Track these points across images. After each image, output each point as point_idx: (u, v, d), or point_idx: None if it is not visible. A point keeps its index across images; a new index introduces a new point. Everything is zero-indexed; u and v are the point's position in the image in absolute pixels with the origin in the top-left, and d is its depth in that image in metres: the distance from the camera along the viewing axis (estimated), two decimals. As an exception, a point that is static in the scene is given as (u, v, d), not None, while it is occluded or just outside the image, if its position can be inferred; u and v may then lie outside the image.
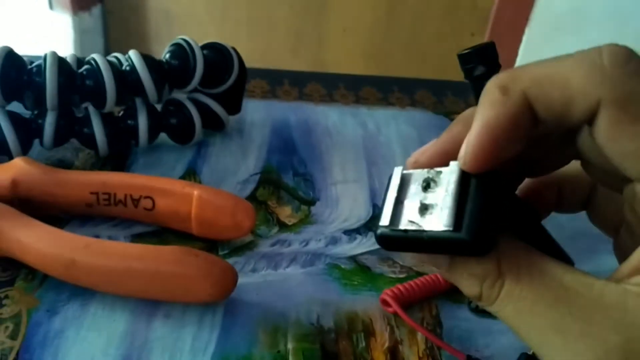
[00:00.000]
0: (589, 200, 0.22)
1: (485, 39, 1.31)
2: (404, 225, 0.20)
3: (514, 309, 0.17)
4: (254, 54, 0.46)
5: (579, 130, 0.18)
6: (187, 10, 1.38)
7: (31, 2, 1.32)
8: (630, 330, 0.15)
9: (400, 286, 0.33)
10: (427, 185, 0.20)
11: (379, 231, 0.21)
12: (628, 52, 0.16)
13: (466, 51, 0.35)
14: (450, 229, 0.18)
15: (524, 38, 1.23)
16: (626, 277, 0.16)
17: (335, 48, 1.40)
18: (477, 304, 0.20)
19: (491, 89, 0.18)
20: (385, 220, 0.21)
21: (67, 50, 1.34)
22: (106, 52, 1.41)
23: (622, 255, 0.20)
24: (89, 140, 0.43)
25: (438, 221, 0.19)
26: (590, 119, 0.17)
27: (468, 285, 0.19)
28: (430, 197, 0.20)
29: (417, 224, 0.20)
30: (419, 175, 0.21)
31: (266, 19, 1.36)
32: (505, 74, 0.18)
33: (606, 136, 0.16)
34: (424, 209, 0.20)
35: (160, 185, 0.37)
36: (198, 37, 0.45)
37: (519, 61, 1.20)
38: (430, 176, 0.21)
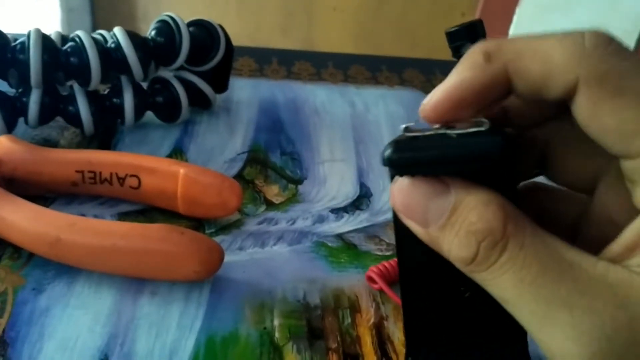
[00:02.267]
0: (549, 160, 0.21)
1: (475, 18, 1.30)
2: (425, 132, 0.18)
3: (515, 278, 0.16)
4: (244, 33, 0.45)
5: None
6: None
7: (17, -20, 1.30)
8: (637, 309, 0.15)
9: (386, 263, 0.34)
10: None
11: (393, 140, 0.18)
12: (609, 37, 0.16)
13: (454, 29, 0.35)
14: (484, 128, 0.17)
15: (515, 18, 1.23)
16: (621, 256, 0.16)
17: (325, 27, 1.39)
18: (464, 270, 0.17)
19: (475, 52, 0.18)
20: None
21: (54, 29, 1.32)
22: (93, 31, 1.39)
23: (597, 222, 0.19)
24: (74, 119, 0.42)
25: (467, 126, 0.17)
26: (568, 96, 0.17)
27: (462, 245, 0.17)
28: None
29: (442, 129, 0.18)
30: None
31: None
32: (492, 42, 0.18)
33: (586, 113, 0.16)
34: (446, 127, 0.18)
35: (146, 163, 0.36)
36: (186, 15, 0.44)
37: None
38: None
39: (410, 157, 0.18)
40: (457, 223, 0.17)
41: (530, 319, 0.16)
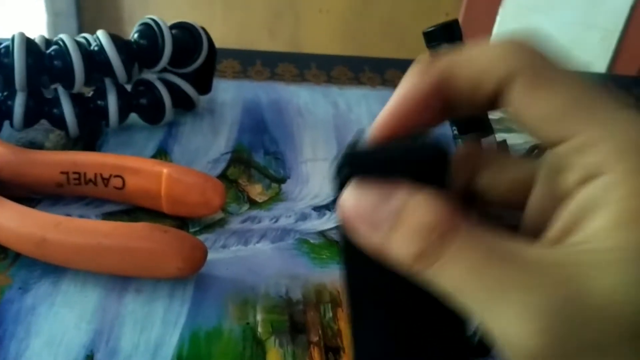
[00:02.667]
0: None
1: (460, 18, 1.32)
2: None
3: (463, 267, 0.16)
4: (230, 34, 0.46)
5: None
6: (161, -9, 1.37)
7: (2, -16, 1.30)
8: (579, 283, 0.15)
9: None
10: None
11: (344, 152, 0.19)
12: (534, 38, 0.18)
13: (430, 29, 0.35)
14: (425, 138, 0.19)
15: (498, 18, 1.24)
16: (559, 240, 0.17)
17: (311, 28, 1.40)
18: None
19: (414, 66, 0.19)
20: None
21: (40, 32, 1.32)
22: (79, 33, 1.39)
23: (533, 224, 0.19)
24: (59, 121, 0.43)
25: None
26: (501, 89, 0.17)
27: (411, 242, 0.17)
28: None
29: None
30: None
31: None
32: (439, 53, 0.19)
33: (521, 102, 0.17)
34: None
35: (130, 164, 0.37)
36: (173, 17, 0.45)
37: (494, 37, 1.21)
38: None
39: (359, 163, 0.19)
40: (406, 221, 0.17)
41: (479, 307, 0.16)
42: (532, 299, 0.16)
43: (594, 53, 1.17)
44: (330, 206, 0.40)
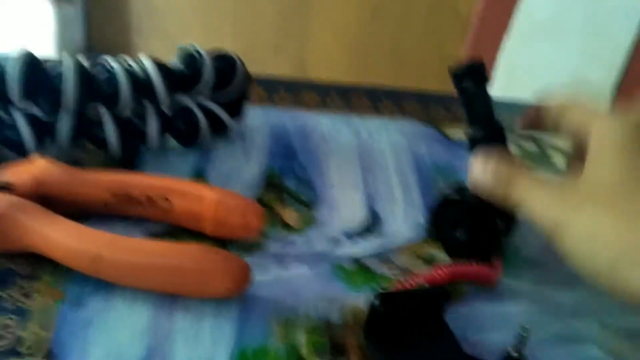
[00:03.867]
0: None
1: (466, 43, 1.35)
2: None
3: (529, 185, 0.33)
4: (237, 51, 0.48)
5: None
6: (169, 2, 1.39)
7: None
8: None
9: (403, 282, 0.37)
10: None
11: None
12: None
13: (458, 70, 0.38)
14: None
15: (504, 44, 1.28)
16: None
17: (318, 50, 1.43)
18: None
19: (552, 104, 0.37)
20: None
21: (47, 39, 1.33)
22: (87, 42, 1.41)
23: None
24: (100, 141, 0.44)
25: None
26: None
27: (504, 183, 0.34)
28: None
29: None
30: None
31: (250, 14, 1.37)
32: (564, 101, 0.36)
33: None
34: None
35: (176, 186, 0.39)
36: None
37: (499, 65, 1.24)
38: None
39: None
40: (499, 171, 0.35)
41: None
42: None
43: (598, 83, 1.20)
44: (361, 233, 0.42)
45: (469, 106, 0.38)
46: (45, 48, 1.28)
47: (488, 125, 0.38)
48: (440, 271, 0.37)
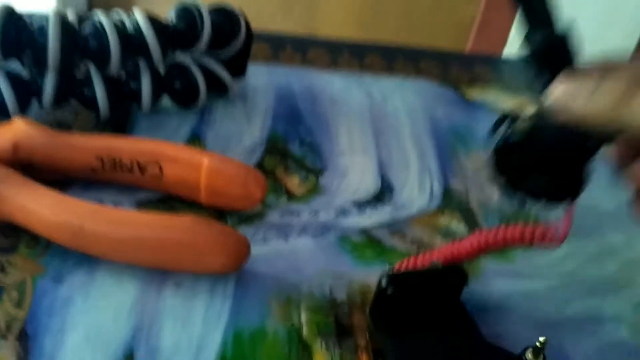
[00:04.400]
0: None
1: (480, 4, 1.29)
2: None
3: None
4: (242, 6, 0.44)
5: None
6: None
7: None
8: None
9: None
10: None
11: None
12: None
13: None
14: None
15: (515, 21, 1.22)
16: None
17: (328, 10, 1.38)
18: None
19: None
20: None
21: (49, 6, 1.30)
22: (89, 7, 1.37)
23: None
24: (90, 102, 0.41)
25: None
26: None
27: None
28: None
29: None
30: None
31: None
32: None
33: None
34: None
35: (168, 151, 0.35)
36: None
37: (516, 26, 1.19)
38: None
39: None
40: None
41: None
42: None
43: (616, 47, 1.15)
44: (371, 202, 0.39)
45: (527, 4, 0.30)
46: (47, 7, 1.25)
47: (550, 31, 0.30)
48: (477, 239, 0.32)
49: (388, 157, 0.43)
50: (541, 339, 0.27)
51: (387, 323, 0.29)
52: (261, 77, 0.50)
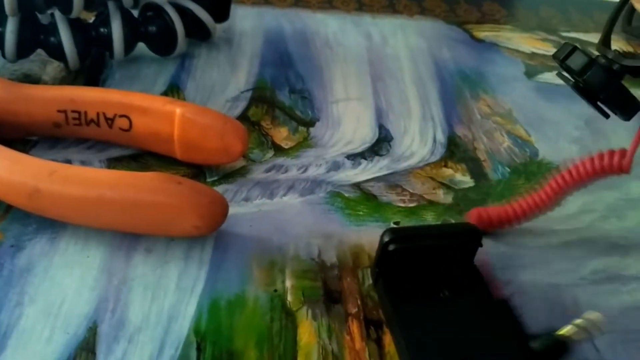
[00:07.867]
0: None
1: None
2: None
3: None
4: None
5: None
6: None
7: None
8: None
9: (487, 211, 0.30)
10: None
11: None
12: None
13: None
14: None
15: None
16: None
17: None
18: None
19: None
20: None
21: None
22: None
23: None
24: (57, 51, 0.37)
25: None
26: None
27: None
28: None
29: None
30: None
31: None
32: None
33: None
34: None
35: (137, 102, 0.32)
36: None
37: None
38: None
39: None
40: None
41: None
42: None
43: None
44: (366, 154, 0.35)
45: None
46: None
47: None
48: (555, 182, 0.29)
49: (387, 105, 0.39)
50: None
51: (392, 286, 0.26)
52: (249, 20, 0.46)
